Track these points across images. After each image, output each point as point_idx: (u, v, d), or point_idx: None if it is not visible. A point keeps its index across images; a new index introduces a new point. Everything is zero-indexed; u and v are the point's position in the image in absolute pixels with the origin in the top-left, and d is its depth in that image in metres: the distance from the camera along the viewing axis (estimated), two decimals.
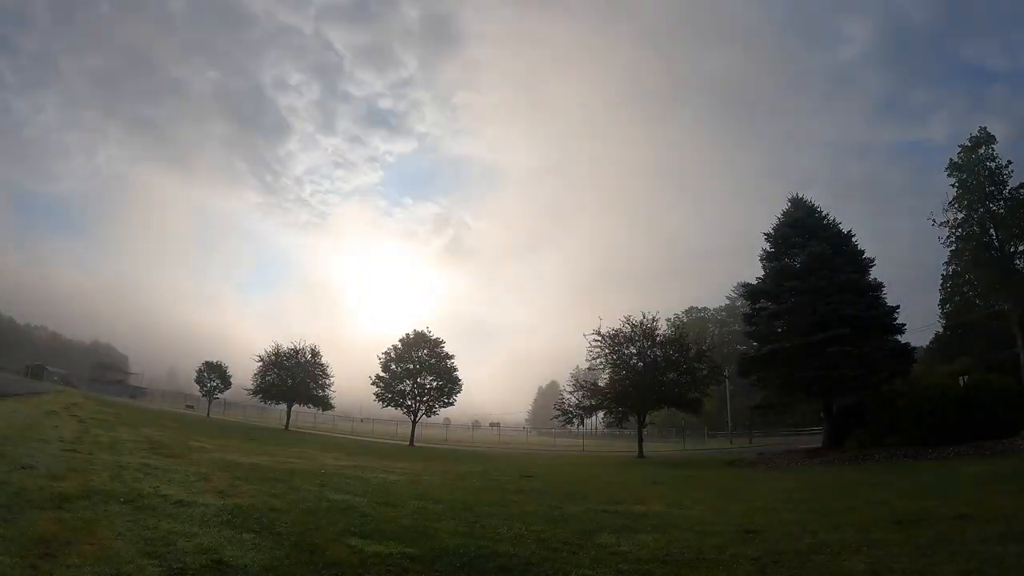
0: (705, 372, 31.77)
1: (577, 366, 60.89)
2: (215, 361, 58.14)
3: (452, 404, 39.79)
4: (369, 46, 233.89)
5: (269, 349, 46.15)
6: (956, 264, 30.49)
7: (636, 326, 31.26)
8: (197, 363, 62.96)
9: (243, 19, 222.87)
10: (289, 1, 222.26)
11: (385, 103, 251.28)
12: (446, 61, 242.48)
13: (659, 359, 30.84)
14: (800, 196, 26.83)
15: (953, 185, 27.72)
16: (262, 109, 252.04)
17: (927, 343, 45.17)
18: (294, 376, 44.49)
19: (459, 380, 38.90)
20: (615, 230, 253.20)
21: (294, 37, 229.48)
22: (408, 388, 38.08)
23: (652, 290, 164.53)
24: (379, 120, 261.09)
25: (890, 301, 23.88)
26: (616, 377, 31.81)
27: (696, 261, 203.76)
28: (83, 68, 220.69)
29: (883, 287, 24.22)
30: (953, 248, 28.51)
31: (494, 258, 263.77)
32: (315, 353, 46.52)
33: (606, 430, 64.31)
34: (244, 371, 55.82)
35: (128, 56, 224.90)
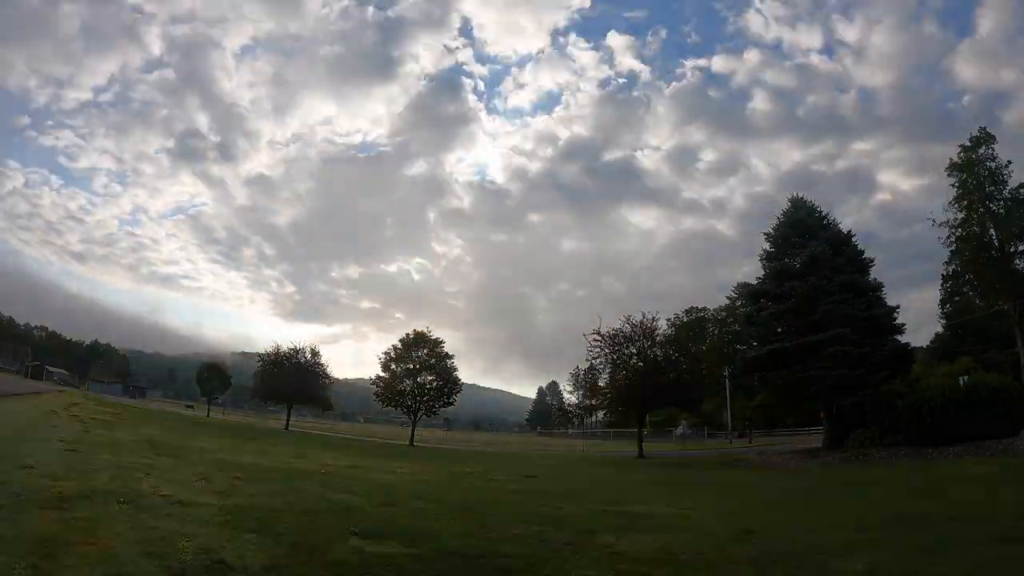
0: (705, 372, 31.80)
1: (577, 366, 61.00)
2: (215, 362, 58.24)
3: (452, 404, 39.79)
4: None
5: (269, 349, 46.23)
6: (956, 264, 30.41)
7: (636, 326, 31.25)
8: (197, 363, 63.14)
9: None
10: None
11: None
12: None
13: (659, 359, 30.82)
14: (800, 196, 26.84)
15: (953, 185, 27.66)
16: None
17: (927, 343, 45.28)
18: (294, 376, 44.45)
19: (459, 380, 38.90)
20: None
21: None
22: (408, 388, 38.07)
23: None
24: None
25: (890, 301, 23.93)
26: (616, 377, 31.80)
27: None
28: None
29: (883, 287, 24.24)
30: (953, 248, 28.44)
31: None
32: (315, 353, 46.57)
33: (606, 430, 64.31)
34: (244, 371, 55.98)
35: None
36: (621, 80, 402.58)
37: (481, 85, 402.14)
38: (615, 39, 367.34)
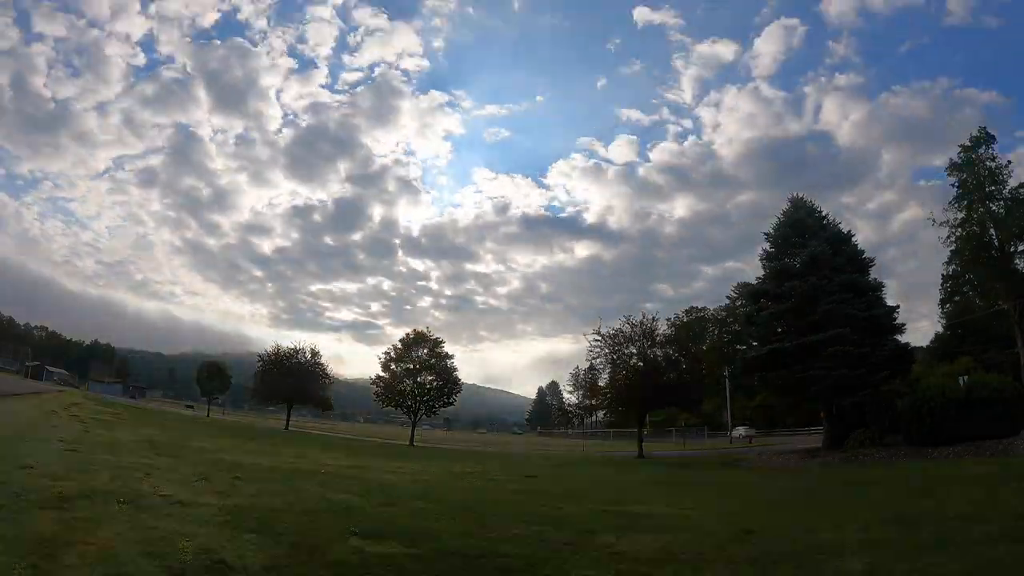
0: (704, 372, 31.79)
1: (577, 366, 61.06)
2: (215, 361, 58.21)
3: (452, 404, 39.78)
4: None
5: (269, 349, 46.21)
6: (956, 264, 30.41)
7: (636, 326, 31.27)
8: (197, 363, 63.09)
9: None
10: None
11: None
12: None
13: (659, 359, 30.83)
14: (800, 196, 26.84)
15: (953, 185, 27.67)
16: None
17: (927, 343, 45.30)
18: (294, 377, 44.42)
19: (459, 380, 38.89)
20: None
21: None
22: (408, 388, 38.07)
23: None
24: None
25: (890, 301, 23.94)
26: (616, 377, 31.81)
27: None
28: None
29: (883, 287, 24.24)
30: (953, 248, 28.44)
31: None
32: (315, 353, 46.53)
33: (606, 430, 64.35)
34: (244, 371, 56.01)
35: None
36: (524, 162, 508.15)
37: (415, 168, 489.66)
38: (514, 136, 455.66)
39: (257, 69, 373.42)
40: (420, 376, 38.11)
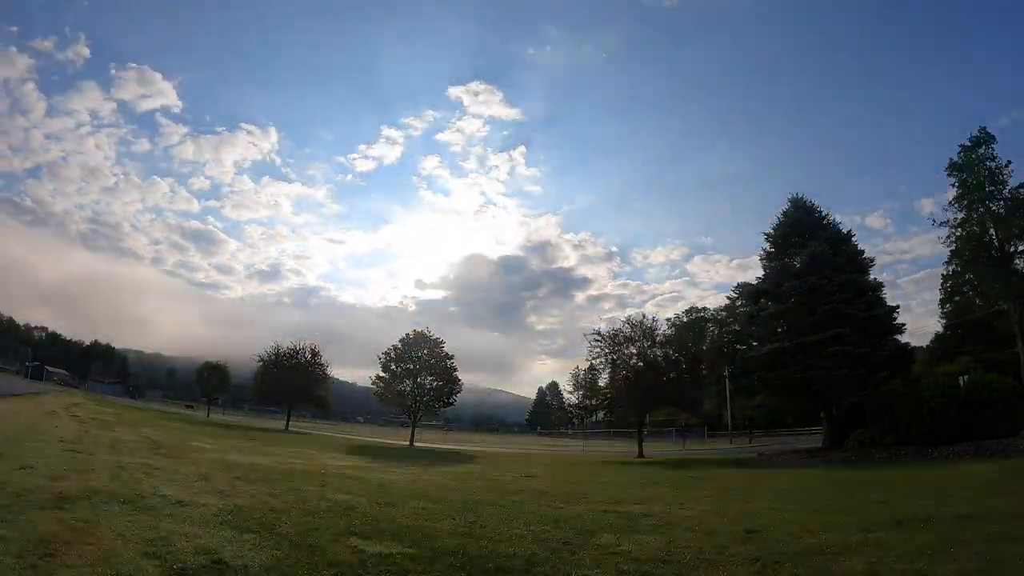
0: (705, 372, 31.80)
1: (577, 366, 60.94)
2: (215, 362, 58.16)
3: (452, 404, 39.75)
4: None
5: (269, 349, 46.16)
6: (956, 264, 30.39)
7: (636, 326, 31.27)
8: (197, 363, 63.00)
9: None
10: None
11: None
12: None
13: (659, 359, 30.82)
14: (800, 196, 26.85)
15: (953, 185, 27.64)
16: None
17: (927, 343, 45.21)
18: (294, 377, 44.38)
19: (459, 380, 38.87)
20: None
21: None
22: (408, 388, 38.04)
23: None
24: None
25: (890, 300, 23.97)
26: (616, 377, 31.81)
27: None
28: None
29: (883, 287, 24.27)
30: (953, 248, 28.43)
31: None
32: (315, 353, 46.45)
33: (606, 430, 64.33)
34: (244, 371, 56.00)
35: None
36: None
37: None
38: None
39: None
40: (420, 376, 38.08)
